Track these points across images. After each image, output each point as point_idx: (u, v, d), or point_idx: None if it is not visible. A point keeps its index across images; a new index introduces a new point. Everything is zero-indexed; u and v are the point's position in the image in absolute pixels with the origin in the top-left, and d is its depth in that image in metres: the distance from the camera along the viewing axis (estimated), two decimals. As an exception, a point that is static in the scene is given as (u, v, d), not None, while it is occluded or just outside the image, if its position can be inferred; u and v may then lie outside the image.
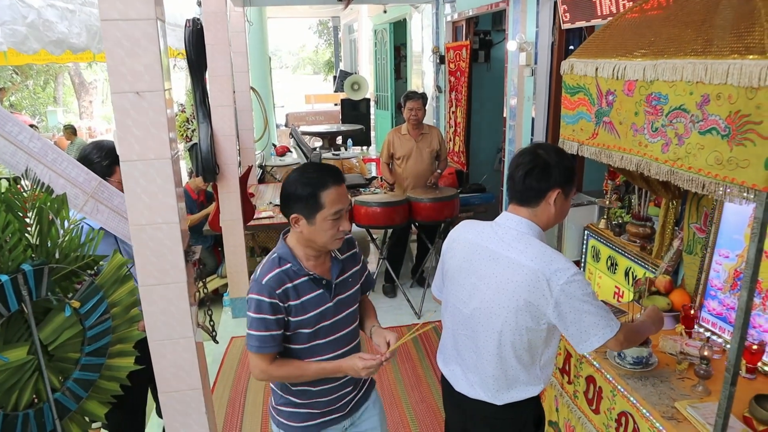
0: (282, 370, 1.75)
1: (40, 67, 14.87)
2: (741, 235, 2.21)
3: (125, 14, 1.61)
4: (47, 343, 1.78)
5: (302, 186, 1.65)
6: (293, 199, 1.66)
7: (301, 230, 1.69)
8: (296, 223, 1.69)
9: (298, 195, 1.65)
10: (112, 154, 2.37)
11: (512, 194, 1.79)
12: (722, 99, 1.49)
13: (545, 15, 4.10)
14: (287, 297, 1.70)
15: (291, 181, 1.68)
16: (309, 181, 1.65)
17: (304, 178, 1.66)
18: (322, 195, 1.64)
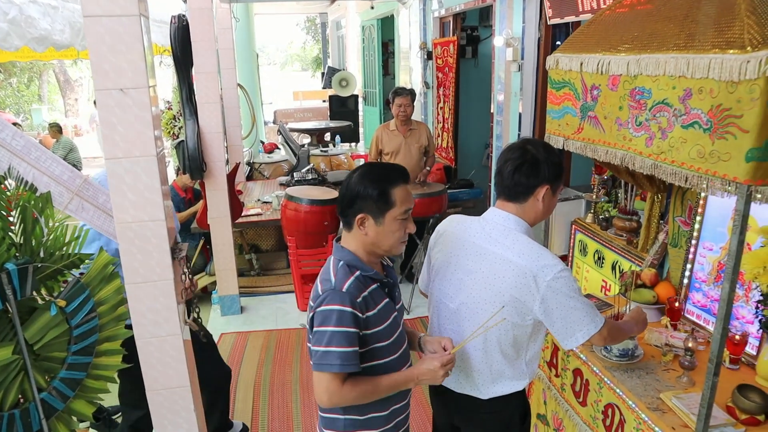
0: (356, 390, 1.54)
1: (24, 64, 14.70)
2: (725, 227, 2.24)
3: (108, 10, 1.59)
4: (33, 343, 1.77)
5: (371, 183, 1.55)
6: (361, 198, 1.55)
7: (366, 232, 1.57)
8: (362, 225, 1.56)
9: (367, 193, 1.54)
10: None
11: (500, 190, 1.79)
12: (704, 93, 1.51)
13: (531, 10, 4.11)
14: (366, 307, 1.55)
15: (357, 180, 1.57)
16: (378, 177, 1.56)
17: (372, 176, 1.57)
18: (393, 192, 1.56)
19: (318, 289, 1.58)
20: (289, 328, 4.35)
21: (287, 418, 3.26)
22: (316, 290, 1.59)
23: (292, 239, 4.42)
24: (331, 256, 1.64)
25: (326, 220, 4.36)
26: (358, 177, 1.58)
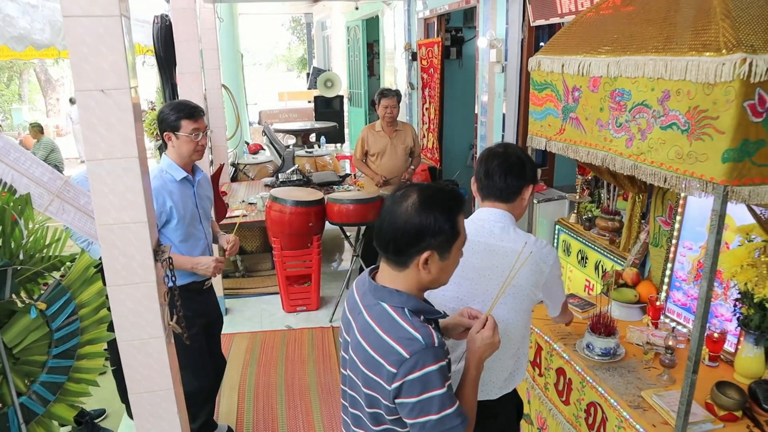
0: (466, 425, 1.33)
1: (4, 63, 14.48)
2: (704, 227, 2.27)
3: (88, 10, 1.58)
4: (12, 346, 1.75)
5: (443, 215, 1.29)
6: (431, 233, 1.28)
7: (429, 270, 1.32)
8: (425, 264, 1.31)
9: (438, 227, 1.28)
10: (180, 108, 2.48)
11: (490, 192, 1.80)
12: (682, 95, 1.53)
13: (515, 12, 4.14)
14: (447, 353, 1.34)
15: (421, 211, 1.28)
16: (447, 206, 1.31)
17: (440, 206, 1.30)
18: (459, 220, 1.34)
19: (399, 352, 1.25)
20: (274, 330, 4.33)
21: (272, 420, 3.25)
22: (393, 353, 1.26)
23: (276, 240, 4.40)
24: (378, 305, 1.34)
25: (311, 222, 4.35)
26: (422, 205, 1.29)
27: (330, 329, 4.28)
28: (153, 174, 2.40)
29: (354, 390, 1.40)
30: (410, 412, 1.27)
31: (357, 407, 1.41)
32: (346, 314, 1.46)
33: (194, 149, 2.51)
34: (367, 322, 1.34)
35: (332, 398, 3.42)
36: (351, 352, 1.39)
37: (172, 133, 2.46)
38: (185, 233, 2.55)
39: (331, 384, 3.57)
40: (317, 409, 3.31)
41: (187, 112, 2.45)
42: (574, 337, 2.33)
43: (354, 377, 1.38)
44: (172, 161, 2.52)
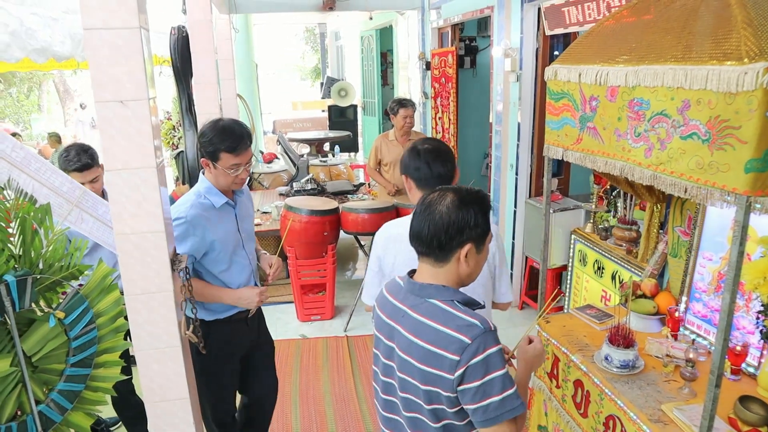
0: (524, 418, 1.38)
1: (24, 74, 14.75)
2: (724, 237, 2.24)
3: (108, 23, 1.60)
4: (31, 355, 1.76)
5: (480, 208, 1.40)
6: (471, 226, 1.37)
7: (468, 263, 1.39)
8: (465, 257, 1.38)
9: (477, 220, 1.38)
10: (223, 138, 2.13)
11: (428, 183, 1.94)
12: (702, 104, 1.51)
13: (529, 21, 4.13)
14: None
15: (460, 205, 1.37)
16: (482, 200, 1.42)
17: (476, 199, 1.41)
18: (489, 218, 1.43)
19: (460, 339, 1.29)
20: (289, 339, 4.33)
21: (287, 429, 3.24)
22: (454, 342, 1.30)
23: (291, 249, 4.41)
24: (426, 302, 1.39)
25: (326, 231, 4.36)
26: (460, 202, 1.38)
27: (345, 338, 4.27)
28: (188, 200, 2.19)
29: (408, 392, 1.41)
30: (473, 397, 1.29)
31: (413, 409, 1.41)
32: (386, 321, 1.47)
33: (233, 182, 2.20)
34: (419, 321, 1.37)
35: (346, 408, 3.40)
36: (401, 355, 1.40)
37: (210, 162, 2.17)
38: (227, 262, 2.28)
39: (346, 393, 3.55)
40: (331, 419, 3.30)
41: (228, 145, 2.11)
42: (592, 349, 2.30)
43: (408, 378, 1.39)
44: (211, 184, 2.22)
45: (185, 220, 2.13)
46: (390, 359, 1.46)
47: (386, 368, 1.48)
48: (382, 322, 1.49)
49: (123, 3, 1.59)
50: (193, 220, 2.13)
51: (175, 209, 2.15)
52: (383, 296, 1.53)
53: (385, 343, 1.47)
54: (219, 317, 2.33)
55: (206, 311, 2.31)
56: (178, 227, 2.12)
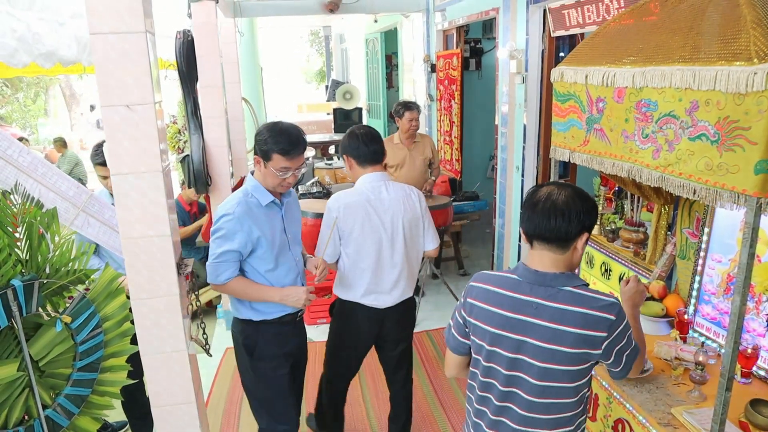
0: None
1: (31, 79, 14.83)
2: (733, 239, 2.22)
3: (114, 28, 1.60)
4: (38, 359, 1.76)
5: (592, 203, 1.58)
6: (590, 217, 1.56)
7: (581, 250, 1.57)
8: (583, 244, 1.57)
9: (595, 211, 1.58)
10: (279, 139, 2.14)
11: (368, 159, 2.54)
12: (711, 105, 1.50)
13: (535, 23, 4.12)
14: None
15: (575, 197, 1.53)
16: (589, 196, 1.59)
17: (587, 194, 1.57)
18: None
19: (606, 318, 1.47)
20: (295, 342, 4.32)
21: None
22: (601, 321, 1.47)
23: (297, 252, 4.40)
24: (561, 290, 1.51)
25: (331, 233, 4.35)
26: (578, 195, 1.53)
27: (350, 342, 4.25)
28: (235, 197, 2.21)
29: (549, 378, 1.52)
30: (616, 359, 1.53)
31: (551, 394, 1.53)
32: (511, 316, 1.55)
33: (279, 184, 2.21)
34: (560, 308, 1.49)
35: (353, 410, 3.39)
36: (543, 345, 1.50)
37: (262, 160, 2.18)
38: (274, 262, 2.28)
39: (352, 396, 3.54)
40: (338, 423, 3.29)
41: (282, 147, 2.13)
42: (600, 352, 2.28)
43: (554, 366, 1.50)
44: (258, 183, 2.25)
45: (233, 216, 2.16)
46: (518, 353, 1.54)
47: (512, 362, 1.55)
48: (505, 317, 1.55)
49: (129, 7, 1.59)
50: (240, 217, 2.16)
51: (222, 207, 2.21)
52: (492, 291, 1.59)
53: (511, 338, 1.55)
54: (267, 318, 2.34)
55: (253, 311, 2.33)
56: (227, 224, 2.16)
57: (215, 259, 2.18)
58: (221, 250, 2.17)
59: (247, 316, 2.33)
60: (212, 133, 4.20)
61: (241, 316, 2.36)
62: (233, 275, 2.21)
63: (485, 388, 1.63)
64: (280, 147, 2.14)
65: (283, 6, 6.46)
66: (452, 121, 6.16)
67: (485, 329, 1.59)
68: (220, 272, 2.19)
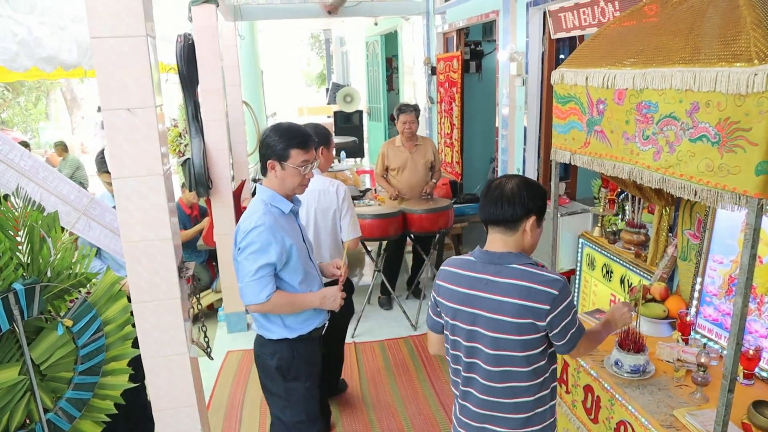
0: None
1: (32, 83, 14.85)
2: (734, 240, 2.22)
3: (115, 31, 1.61)
4: (39, 363, 1.76)
5: (540, 189, 1.72)
6: (535, 201, 1.69)
7: (531, 234, 1.70)
8: (531, 227, 1.69)
9: (540, 197, 1.70)
10: (291, 135, 2.11)
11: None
12: (711, 106, 1.50)
13: (535, 25, 4.13)
14: None
15: (526, 185, 1.69)
16: (539, 184, 1.76)
17: (535, 183, 1.75)
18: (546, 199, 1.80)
19: (549, 292, 1.61)
20: (296, 345, 4.31)
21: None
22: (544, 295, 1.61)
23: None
24: (508, 267, 1.67)
25: (332, 236, 4.35)
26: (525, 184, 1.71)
27: (352, 344, 4.25)
28: (258, 209, 2.09)
29: (500, 347, 1.66)
30: (561, 333, 1.65)
31: (504, 363, 1.67)
32: (466, 292, 1.71)
33: (300, 183, 2.15)
34: (507, 283, 1.65)
35: (354, 413, 3.39)
36: (492, 316, 1.66)
37: (278, 162, 2.10)
38: (303, 272, 2.18)
39: (352, 396, 3.54)
40: (339, 424, 3.28)
41: (299, 141, 2.10)
42: (602, 354, 2.28)
43: (503, 335, 1.65)
44: (274, 192, 2.14)
45: (264, 227, 2.04)
46: (474, 325, 1.70)
47: (470, 334, 1.71)
48: (461, 294, 1.72)
49: (130, 11, 1.60)
50: (272, 227, 2.05)
51: (247, 221, 2.07)
52: (453, 272, 1.76)
53: (467, 311, 1.71)
54: (302, 333, 2.21)
55: (287, 329, 2.19)
56: (260, 236, 2.03)
57: (253, 277, 2.03)
58: (257, 266, 2.03)
59: (281, 335, 2.18)
60: (213, 136, 4.20)
61: (273, 336, 2.19)
62: (274, 289, 2.07)
63: (455, 361, 1.80)
64: (296, 141, 2.09)
65: (283, 9, 6.47)
66: (453, 124, 6.16)
67: (448, 306, 1.75)
68: (261, 289, 2.04)
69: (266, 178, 2.18)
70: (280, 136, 2.10)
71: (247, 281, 2.04)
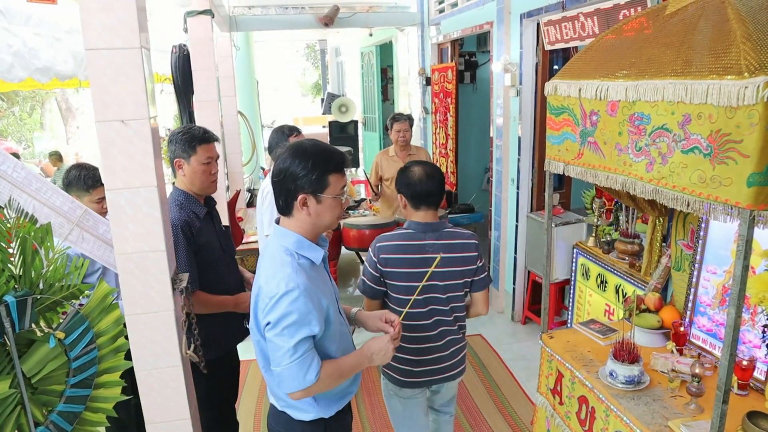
0: None
1: (27, 93, 14.84)
2: (728, 251, 2.23)
3: (110, 43, 1.61)
4: (30, 376, 1.74)
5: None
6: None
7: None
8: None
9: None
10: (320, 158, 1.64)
11: None
12: (703, 118, 1.51)
13: (528, 36, 4.16)
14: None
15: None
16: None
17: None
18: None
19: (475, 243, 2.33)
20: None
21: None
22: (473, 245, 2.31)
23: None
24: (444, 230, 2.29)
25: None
26: (432, 168, 2.31)
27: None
28: (284, 263, 1.64)
29: (450, 291, 2.27)
30: (479, 271, 2.33)
31: (453, 300, 2.29)
32: (417, 257, 2.21)
33: (339, 216, 1.78)
34: (447, 243, 2.25)
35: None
36: (441, 271, 2.20)
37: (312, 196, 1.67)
38: (339, 334, 1.79)
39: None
40: None
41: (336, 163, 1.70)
42: (597, 364, 2.28)
43: (451, 281, 2.26)
44: (301, 237, 1.70)
45: (299, 290, 1.59)
46: (432, 292, 2.23)
47: (427, 301, 2.25)
48: (413, 259, 2.21)
49: (124, 23, 1.60)
50: (308, 289, 1.61)
51: (273, 283, 1.60)
52: (399, 244, 2.24)
53: (421, 272, 2.12)
54: (339, 407, 1.85)
55: (320, 406, 1.78)
56: (295, 304, 1.57)
57: (294, 357, 1.58)
58: (296, 340, 1.58)
59: (316, 414, 1.77)
60: (208, 146, 4.20)
61: (306, 416, 1.77)
62: (320, 365, 1.64)
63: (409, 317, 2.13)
64: (333, 164, 1.67)
65: (278, 20, 6.50)
66: (447, 134, 6.19)
67: (401, 272, 2.21)
68: (307, 369, 1.61)
69: (291, 219, 1.72)
70: (311, 161, 1.63)
71: (286, 364, 1.59)
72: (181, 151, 2.33)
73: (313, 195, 1.65)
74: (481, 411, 3.52)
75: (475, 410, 3.53)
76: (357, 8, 6.65)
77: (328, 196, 1.67)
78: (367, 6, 6.72)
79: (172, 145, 2.36)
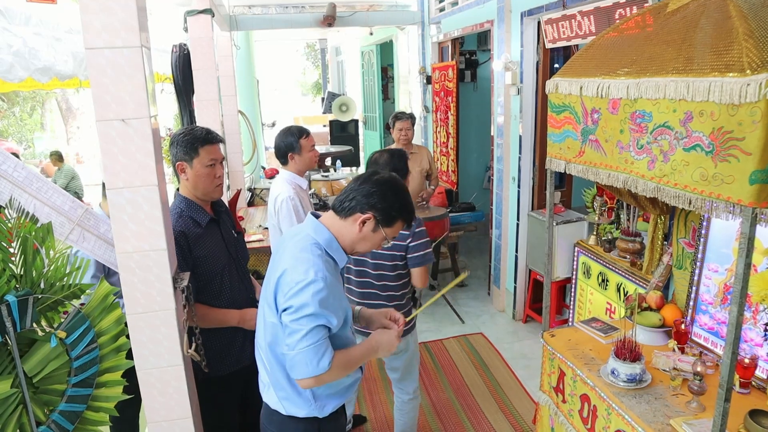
0: None
1: (27, 93, 14.85)
2: (729, 249, 2.22)
3: (110, 42, 1.61)
4: (32, 375, 1.74)
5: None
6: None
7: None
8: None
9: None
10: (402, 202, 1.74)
11: None
12: (705, 116, 1.51)
13: (529, 35, 4.15)
14: None
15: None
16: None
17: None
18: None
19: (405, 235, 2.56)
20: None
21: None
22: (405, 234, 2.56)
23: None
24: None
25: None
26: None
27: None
28: (312, 253, 1.67)
29: (380, 269, 2.62)
30: (416, 248, 2.57)
31: (384, 279, 2.64)
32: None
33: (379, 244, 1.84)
34: None
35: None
36: (372, 261, 2.62)
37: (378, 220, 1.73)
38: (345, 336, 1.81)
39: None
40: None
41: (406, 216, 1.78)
42: (598, 363, 2.27)
43: (381, 261, 2.60)
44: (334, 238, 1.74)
45: (325, 283, 1.62)
46: (363, 266, 2.66)
47: (359, 273, 2.69)
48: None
49: (124, 23, 1.60)
50: (332, 283, 1.65)
51: (300, 270, 1.62)
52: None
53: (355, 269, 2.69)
54: (339, 404, 1.86)
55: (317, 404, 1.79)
56: (320, 293, 1.60)
57: (311, 341, 1.59)
58: (314, 326, 1.59)
59: (310, 412, 1.77)
60: (208, 146, 4.19)
61: (300, 412, 1.77)
62: (333, 352, 1.65)
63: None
64: (404, 216, 1.76)
65: (279, 20, 6.50)
66: (448, 133, 6.18)
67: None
68: (321, 355, 1.61)
69: (340, 223, 1.74)
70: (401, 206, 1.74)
71: (301, 348, 1.59)
72: (183, 153, 2.16)
73: (383, 225, 1.74)
74: (483, 409, 3.51)
75: (477, 408, 3.53)
76: (357, 7, 6.64)
77: (384, 232, 1.75)
78: (368, 5, 6.72)
79: (173, 148, 2.19)
